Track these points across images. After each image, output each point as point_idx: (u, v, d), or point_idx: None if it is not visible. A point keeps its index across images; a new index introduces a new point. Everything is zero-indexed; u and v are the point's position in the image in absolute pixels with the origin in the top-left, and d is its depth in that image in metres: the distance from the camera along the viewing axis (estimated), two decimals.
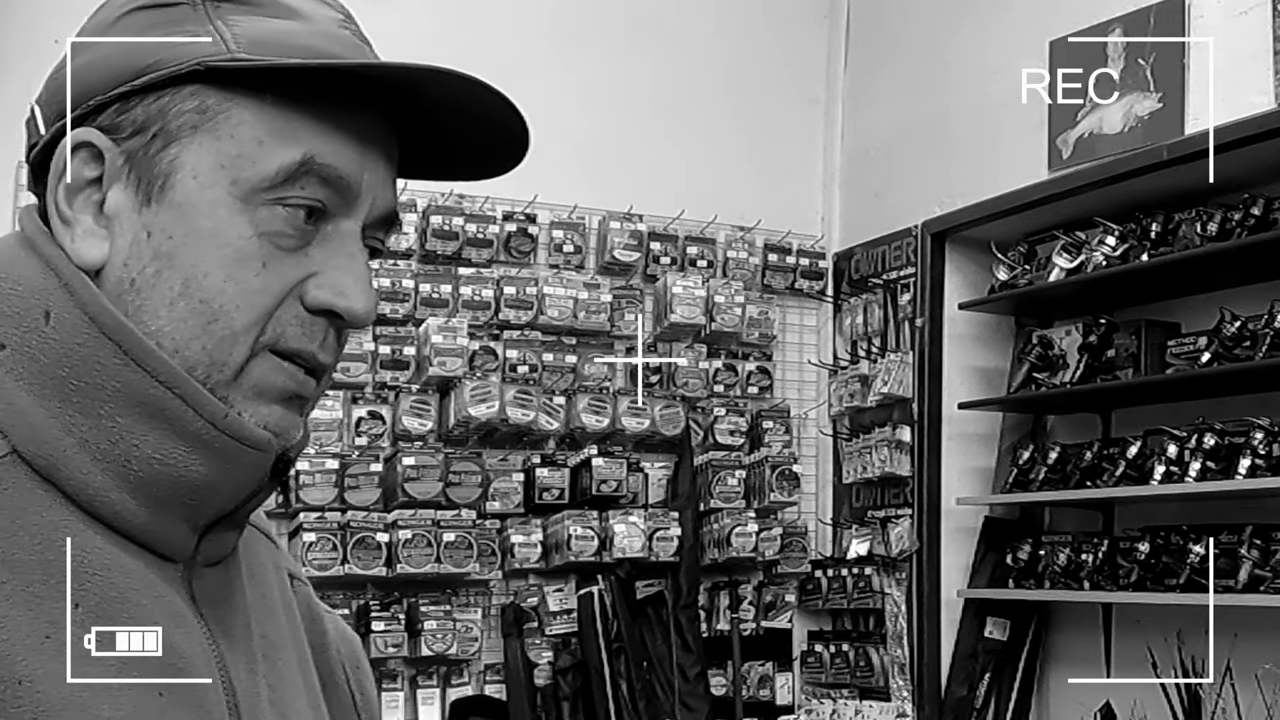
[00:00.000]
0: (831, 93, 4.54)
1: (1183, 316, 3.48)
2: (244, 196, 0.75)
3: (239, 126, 0.75)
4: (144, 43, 0.75)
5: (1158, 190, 3.32)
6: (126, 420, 0.73)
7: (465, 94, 0.77)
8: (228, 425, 0.75)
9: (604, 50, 4.09)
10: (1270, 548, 3.02)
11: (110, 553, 0.73)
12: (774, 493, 4.14)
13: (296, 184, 0.75)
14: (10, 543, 0.70)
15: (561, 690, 3.80)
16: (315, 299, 0.77)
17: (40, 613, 0.69)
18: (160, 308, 0.74)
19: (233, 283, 0.75)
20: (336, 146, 0.76)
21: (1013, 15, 3.78)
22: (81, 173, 0.76)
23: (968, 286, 3.97)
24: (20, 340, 0.74)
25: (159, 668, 0.73)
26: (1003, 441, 3.94)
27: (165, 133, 0.75)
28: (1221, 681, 3.07)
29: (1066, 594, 3.55)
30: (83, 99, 0.76)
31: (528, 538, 3.83)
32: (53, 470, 0.73)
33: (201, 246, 0.74)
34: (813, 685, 4.25)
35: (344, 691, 0.93)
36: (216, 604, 0.80)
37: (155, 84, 0.75)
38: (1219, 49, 3.09)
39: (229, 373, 0.76)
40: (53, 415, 0.73)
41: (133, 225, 0.75)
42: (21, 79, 3.82)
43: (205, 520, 0.78)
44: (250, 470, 0.77)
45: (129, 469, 0.74)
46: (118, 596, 0.73)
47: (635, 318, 4.08)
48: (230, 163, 0.75)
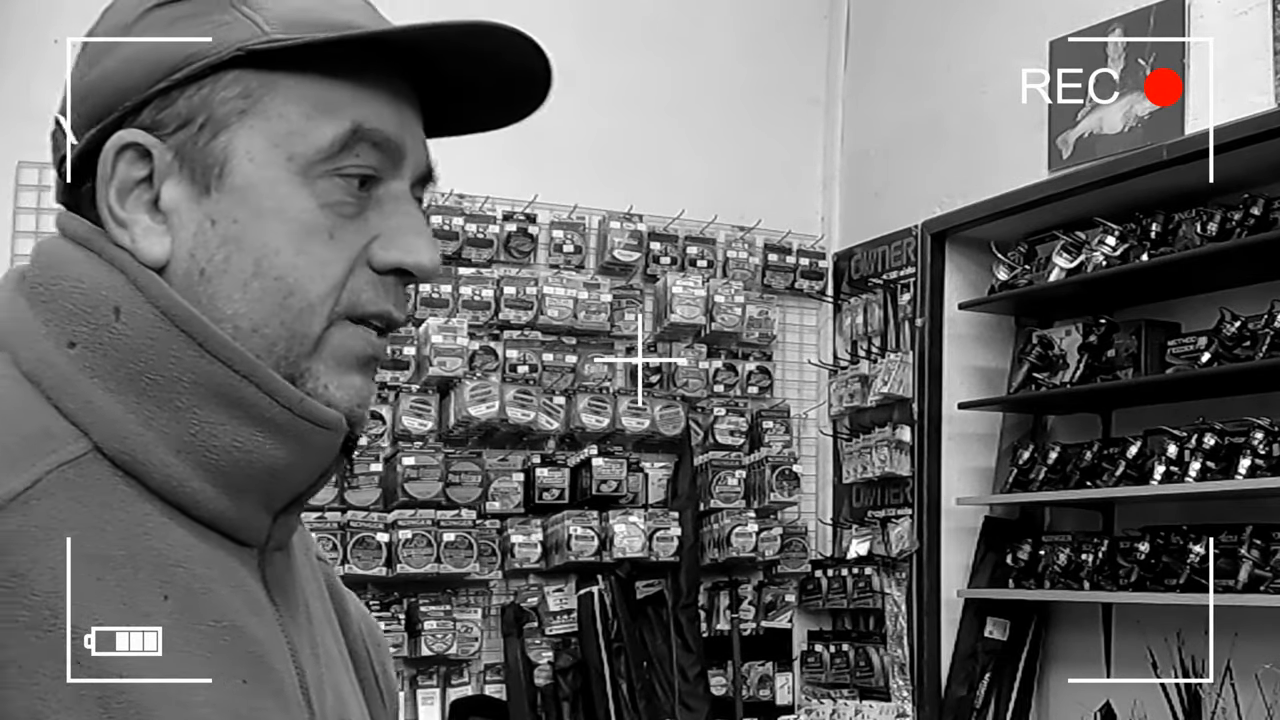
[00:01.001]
0: (831, 93, 4.54)
1: (1183, 316, 3.48)
2: (301, 171, 0.77)
3: (286, 105, 0.77)
4: (174, 39, 0.76)
5: (1158, 190, 3.32)
6: (204, 410, 0.75)
7: (487, 44, 0.79)
8: (303, 409, 0.77)
9: (604, 50, 4.08)
10: (1270, 548, 3.01)
11: (192, 544, 0.75)
12: (774, 493, 4.14)
13: (350, 152, 0.77)
14: (100, 539, 0.71)
15: (561, 690, 3.80)
16: (384, 259, 0.79)
17: (133, 606, 0.70)
18: (234, 291, 0.76)
19: (304, 255, 0.77)
20: (379, 111, 0.78)
21: (1012, 15, 3.78)
22: (130, 174, 0.77)
23: (968, 286, 3.97)
24: (91, 337, 0.75)
25: (244, 657, 0.75)
26: (1003, 441, 3.94)
27: (213, 121, 0.76)
28: (1221, 681, 3.07)
29: (1066, 594, 3.54)
30: (117, 101, 0.77)
31: (528, 538, 3.83)
32: (135, 464, 0.74)
33: (268, 225, 0.76)
34: (813, 685, 4.25)
35: (366, 668, 0.94)
36: (284, 589, 0.82)
37: (193, 76, 0.76)
38: (1219, 49, 3.09)
39: (309, 344, 0.78)
40: (130, 410, 0.74)
41: (194, 216, 0.76)
42: (21, 79, 3.85)
43: (280, 504, 0.80)
44: (324, 451, 0.79)
45: (209, 458, 0.75)
46: (202, 588, 0.74)
47: (635, 318, 4.08)
48: (283, 140, 0.76)
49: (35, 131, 3.50)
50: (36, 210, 3.47)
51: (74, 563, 0.69)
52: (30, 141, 3.73)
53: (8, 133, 3.42)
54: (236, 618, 0.76)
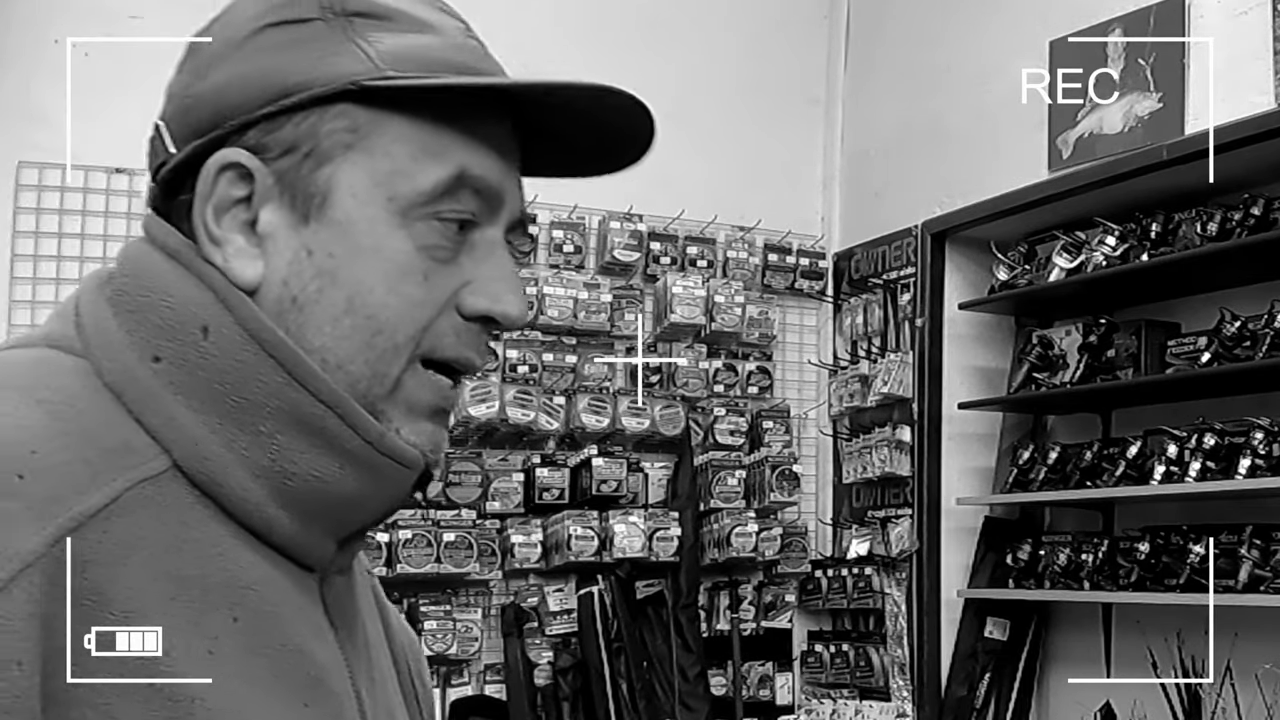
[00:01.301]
0: (831, 93, 4.54)
1: (1183, 316, 3.48)
2: (402, 212, 0.76)
3: (393, 144, 0.76)
4: (286, 63, 0.76)
5: (1158, 190, 3.32)
6: (285, 436, 0.75)
7: (595, 99, 0.79)
8: (385, 445, 0.77)
9: (604, 50, 4.08)
10: (1270, 548, 3.01)
11: (262, 566, 0.75)
12: (774, 493, 4.14)
13: (452, 197, 0.77)
14: (174, 559, 0.71)
15: (561, 690, 3.80)
16: (473, 306, 0.79)
17: (203, 627, 0.70)
18: (324, 324, 0.76)
19: (396, 296, 0.76)
20: (483, 158, 0.78)
21: (1013, 15, 3.78)
22: (229, 192, 0.76)
23: (968, 286, 3.97)
24: (177, 354, 0.74)
25: (306, 680, 0.75)
26: (1003, 441, 3.94)
27: (318, 152, 0.76)
28: (1221, 681, 3.07)
29: (1066, 594, 3.54)
30: (223, 118, 0.76)
31: (528, 538, 3.83)
32: (213, 485, 0.74)
33: (365, 263, 0.76)
34: (813, 685, 4.25)
35: (406, 681, 0.94)
36: (343, 613, 0.82)
37: (303, 104, 0.75)
38: (1219, 49, 3.09)
39: (387, 385, 0.77)
40: (213, 430, 0.74)
41: (290, 244, 0.76)
42: (21, 79, 3.84)
43: (348, 532, 0.81)
44: (398, 486, 0.79)
45: (286, 484, 0.75)
46: (270, 611, 0.74)
47: (635, 318, 4.08)
48: (386, 180, 0.76)
49: (35, 131, 3.50)
50: (37, 210, 3.46)
51: (148, 582, 0.69)
52: (30, 141, 3.75)
53: (8, 133, 3.42)
54: (301, 641, 0.76)
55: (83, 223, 3.50)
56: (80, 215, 3.50)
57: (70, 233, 3.48)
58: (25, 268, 3.44)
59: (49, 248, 3.47)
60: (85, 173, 3.46)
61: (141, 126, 0.82)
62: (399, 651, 0.95)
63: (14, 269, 3.43)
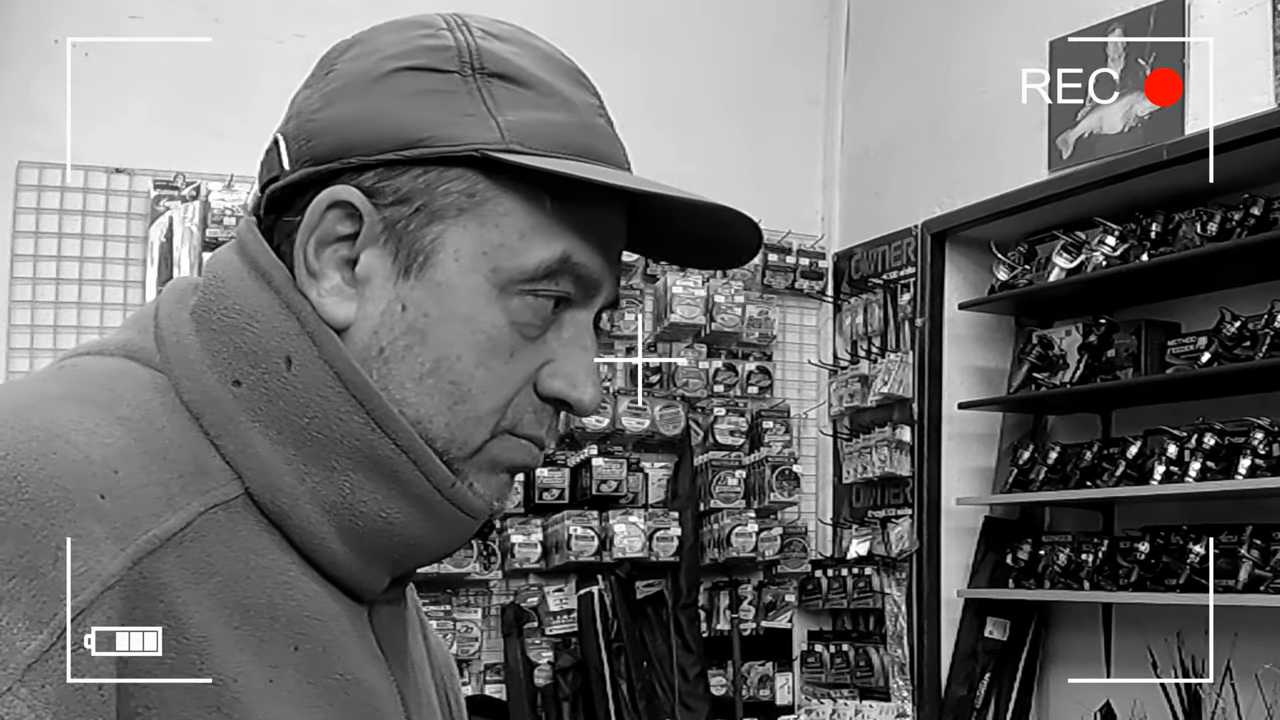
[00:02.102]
0: (831, 93, 4.54)
1: (1183, 316, 3.48)
2: (501, 285, 0.76)
3: (505, 217, 0.76)
4: (417, 113, 0.76)
5: (1158, 190, 3.32)
6: (358, 475, 0.75)
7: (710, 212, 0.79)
8: (454, 494, 0.77)
9: (604, 50, 4.05)
10: (1270, 548, 3.01)
11: (323, 597, 0.76)
12: (774, 493, 4.14)
13: (551, 280, 0.77)
14: (243, 586, 0.71)
15: (561, 690, 3.80)
16: (550, 389, 0.79)
17: (264, 655, 0.71)
18: (407, 380, 0.76)
19: (483, 369, 0.77)
20: (590, 245, 0.78)
21: (1013, 15, 3.78)
22: (335, 228, 0.76)
23: (968, 286, 3.97)
24: (258, 380, 0.75)
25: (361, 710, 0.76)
26: (1003, 441, 3.94)
27: (429, 209, 0.75)
28: (1221, 681, 3.07)
29: (1066, 594, 3.54)
30: (343, 153, 0.76)
31: (528, 538, 3.83)
32: (282, 516, 0.74)
33: (456, 329, 0.76)
34: (813, 685, 4.25)
35: (442, 697, 0.95)
36: (392, 640, 0.83)
37: (425, 159, 0.75)
38: (1219, 49, 3.09)
39: (468, 450, 0.78)
40: (288, 461, 0.74)
41: (386, 294, 0.76)
42: (21, 79, 3.84)
43: (404, 570, 0.82)
44: (462, 534, 0.80)
45: (353, 522, 0.76)
46: (330, 639, 0.75)
47: (635, 318, 4.08)
48: (493, 250, 0.76)
49: (35, 131, 3.50)
50: (36, 210, 3.46)
51: (216, 609, 0.69)
52: (30, 141, 3.75)
53: (8, 133, 3.42)
54: (358, 671, 0.77)
55: (83, 223, 3.50)
56: (80, 215, 3.50)
57: (70, 233, 3.48)
58: (25, 268, 3.44)
59: (49, 248, 3.47)
60: (85, 173, 3.46)
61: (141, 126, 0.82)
62: (437, 668, 0.95)
63: (14, 269, 3.43)
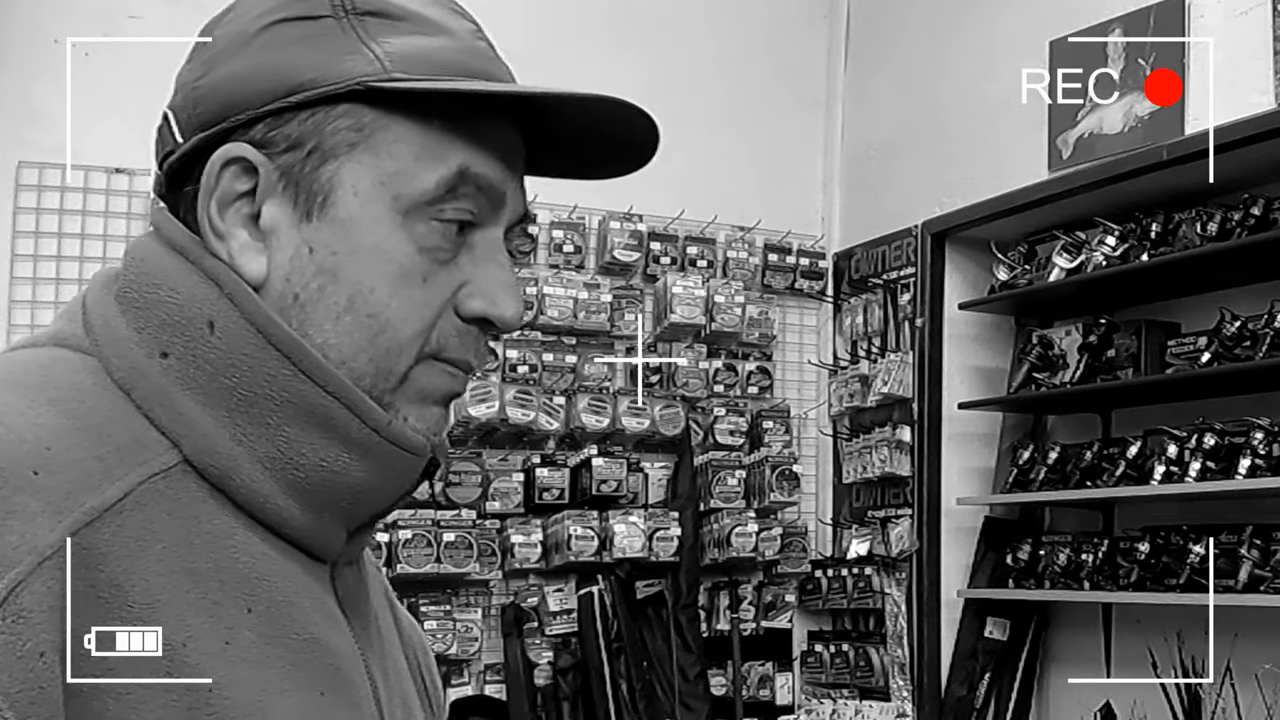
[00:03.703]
0: (831, 93, 4.54)
1: (1183, 316, 3.48)
2: (404, 211, 0.77)
3: (397, 144, 0.77)
4: (296, 59, 0.76)
5: (1158, 190, 3.32)
6: (293, 428, 0.76)
7: (606, 112, 0.80)
8: (390, 432, 0.78)
9: (604, 50, 4.08)
10: (1270, 548, 3.01)
11: (274, 558, 0.76)
12: (774, 493, 4.14)
13: (453, 197, 0.78)
14: (188, 552, 0.71)
15: (561, 690, 3.80)
16: (470, 308, 0.80)
17: (219, 619, 0.71)
18: (325, 321, 0.77)
19: (398, 298, 0.77)
20: (486, 158, 0.79)
21: (1012, 15, 3.78)
22: (233, 186, 0.77)
23: (968, 286, 3.97)
24: (184, 349, 0.75)
25: (323, 669, 0.76)
26: (1003, 441, 3.94)
27: (322, 150, 0.76)
28: (1221, 681, 3.07)
29: (1066, 594, 3.54)
30: (230, 112, 0.77)
31: (528, 538, 3.83)
32: (223, 478, 0.75)
33: (366, 262, 0.77)
34: (813, 685, 4.25)
35: (417, 678, 0.95)
36: (354, 602, 0.84)
37: (309, 101, 0.76)
38: (1219, 49, 3.09)
39: (394, 380, 0.78)
40: (221, 424, 0.75)
41: (292, 240, 0.77)
42: (21, 79, 3.84)
43: (357, 523, 0.81)
44: (406, 474, 0.80)
45: (295, 475, 0.76)
46: (284, 600, 0.75)
47: (635, 318, 4.08)
48: (390, 179, 0.77)
49: (35, 131, 3.50)
50: (36, 210, 3.46)
51: (164, 575, 0.69)
52: (30, 141, 3.76)
53: (8, 133, 3.42)
54: (316, 631, 0.77)
55: (83, 223, 3.49)
56: (80, 215, 3.49)
57: (70, 233, 3.48)
58: (25, 268, 3.44)
59: (49, 248, 3.47)
60: (85, 173, 3.46)
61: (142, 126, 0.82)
62: (409, 647, 0.96)
63: (14, 269, 3.43)
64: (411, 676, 0.94)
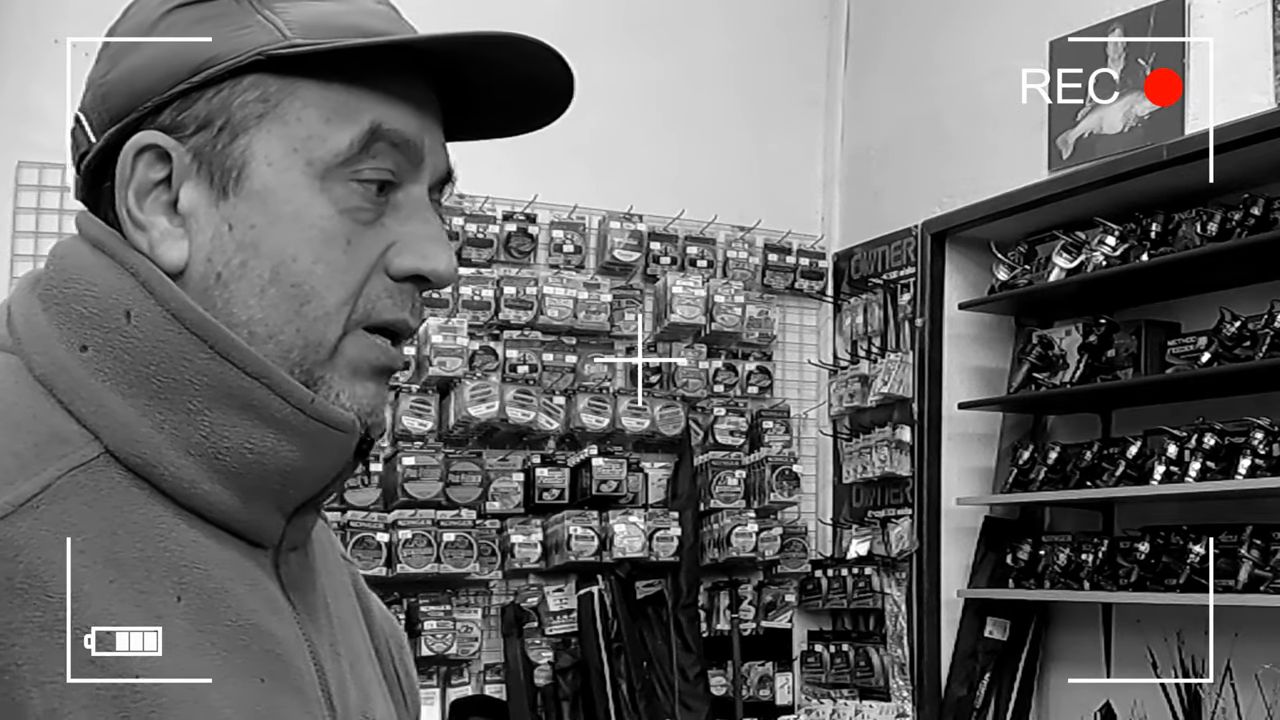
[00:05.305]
0: (831, 93, 4.54)
1: (1183, 316, 3.48)
2: (320, 175, 0.77)
3: (305, 109, 0.77)
4: (195, 40, 0.76)
5: (1158, 190, 3.32)
6: (215, 413, 0.75)
7: (510, 54, 0.79)
8: (314, 410, 0.77)
9: (604, 50, 4.08)
10: (1270, 548, 3.02)
11: (206, 545, 0.75)
12: (774, 493, 4.14)
13: (368, 155, 0.77)
14: (112, 542, 0.71)
15: (561, 690, 3.80)
16: (400, 266, 0.79)
17: (147, 608, 0.71)
18: (249, 297, 0.76)
19: (322, 264, 0.77)
20: (398, 113, 0.79)
21: (1012, 15, 3.78)
22: (148, 175, 0.77)
23: (968, 286, 3.97)
24: (103, 341, 0.75)
25: (262, 655, 0.75)
26: (1003, 441, 3.94)
27: (231, 125, 0.76)
28: (1221, 681, 3.07)
29: (1066, 594, 3.54)
30: (137, 101, 0.77)
31: (528, 538, 3.83)
32: (147, 467, 0.74)
33: (286, 231, 0.76)
34: (813, 685, 4.25)
35: (390, 669, 0.95)
36: (301, 588, 0.83)
37: (213, 79, 0.76)
38: (1219, 49, 3.09)
39: (324, 352, 0.78)
40: (142, 413, 0.74)
41: (211, 220, 0.77)
42: (21, 79, 3.84)
43: (293, 505, 0.80)
44: (337, 452, 0.79)
45: (220, 460, 0.75)
46: (217, 588, 0.74)
47: (635, 318, 4.08)
48: (302, 145, 0.76)
49: (35, 131, 3.49)
50: (36, 210, 3.47)
51: (87, 566, 0.69)
52: (30, 141, 3.75)
53: (8, 133, 3.42)
54: (254, 617, 0.76)
55: None
56: None
57: (70, 233, 3.48)
58: (25, 268, 3.44)
59: (49, 248, 3.46)
60: None
61: None
62: (380, 638, 0.95)
63: (14, 269, 3.43)
64: (382, 665, 0.93)
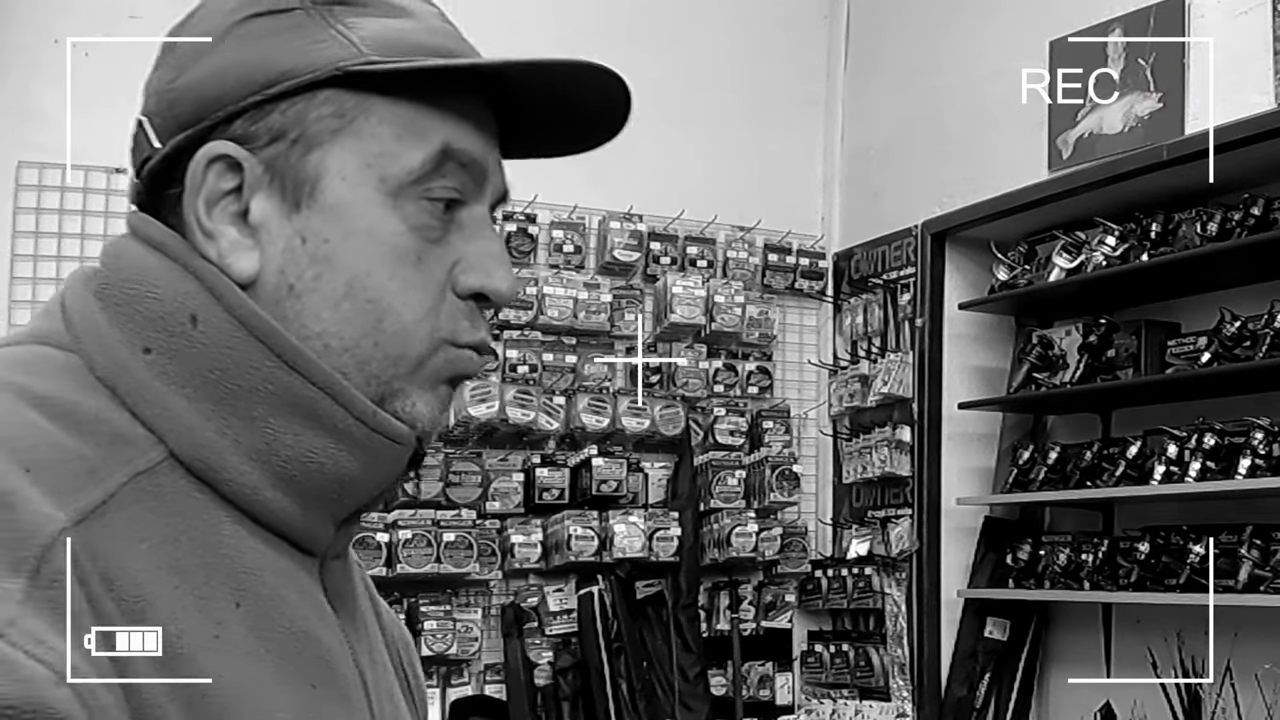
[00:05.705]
0: (831, 93, 4.54)
1: (1183, 316, 3.48)
2: (392, 192, 0.77)
3: (380, 126, 0.77)
4: (270, 52, 0.77)
5: (1158, 190, 3.32)
6: (278, 420, 0.75)
7: (572, 78, 0.81)
8: (376, 422, 0.78)
9: (604, 50, 4.04)
10: (1270, 548, 3.02)
11: (262, 552, 0.76)
12: (774, 493, 4.14)
13: (438, 174, 0.78)
14: (175, 548, 0.71)
15: (561, 690, 3.80)
16: (465, 284, 0.80)
17: (207, 613, 0.71)
18: (323, 310, 0.77)
19: (396, 280, 0.77)
20: (465, 133, 0.80)
21: (1012, 15, 3.78)
22: (218, 185, 0.77)
23: (968, 286, 3.97)
24: (167, 344, 0.75)
25: (313, 662, 0.76)
26: (1003, 441, 3.94)
27: (305, 139, 0.76)
28: (1221, 681, 3.07)
29: (1066, 594, 3.54)
30: (207, 110, 0.77)
31: (528, 538, 3.83)
32: (210, 472, 0.74)
33: (360, 246, 0.77)
34: (813, 685, 4.25)
35: (400, 673, 0.95)
36: (342, 596, 0.84)
37: (288, 92, 0.76)
38: (1219, 49, 3.09)
39: (408, 366, 0.79)
40: (207, 418, 0.74)
41: (283, 232, 0.77)
42: (21, 79, 3.84)
43: (345, 514, 0.81)
44: (392, 464, 0.80)
45: (281, 467, 0.76)
46: (272, 595, 0.75)
47: (635, 318, 4.08)
48: (375, 160, 0.77)
49: (35, 131, 3.50)
50: (36, 210, 3.46)
51: (150, 571, 0.69)
52: (30, 141, 3.75)
53: (8, 133, 3.42)
54: (306, 624, 0.77)
55: (83, 223, 3.49)
56: (80, 215, 3.49)
57: (70, 233, 3.48)
58: (25, 268, 3.44)
59: (49, 248, 3.47)
60: (85, 173, 3.46)
61: None
62: (391, 642, 0.95)
63: (14, 269, 3.43)
64: (396, 670, 0.94)
